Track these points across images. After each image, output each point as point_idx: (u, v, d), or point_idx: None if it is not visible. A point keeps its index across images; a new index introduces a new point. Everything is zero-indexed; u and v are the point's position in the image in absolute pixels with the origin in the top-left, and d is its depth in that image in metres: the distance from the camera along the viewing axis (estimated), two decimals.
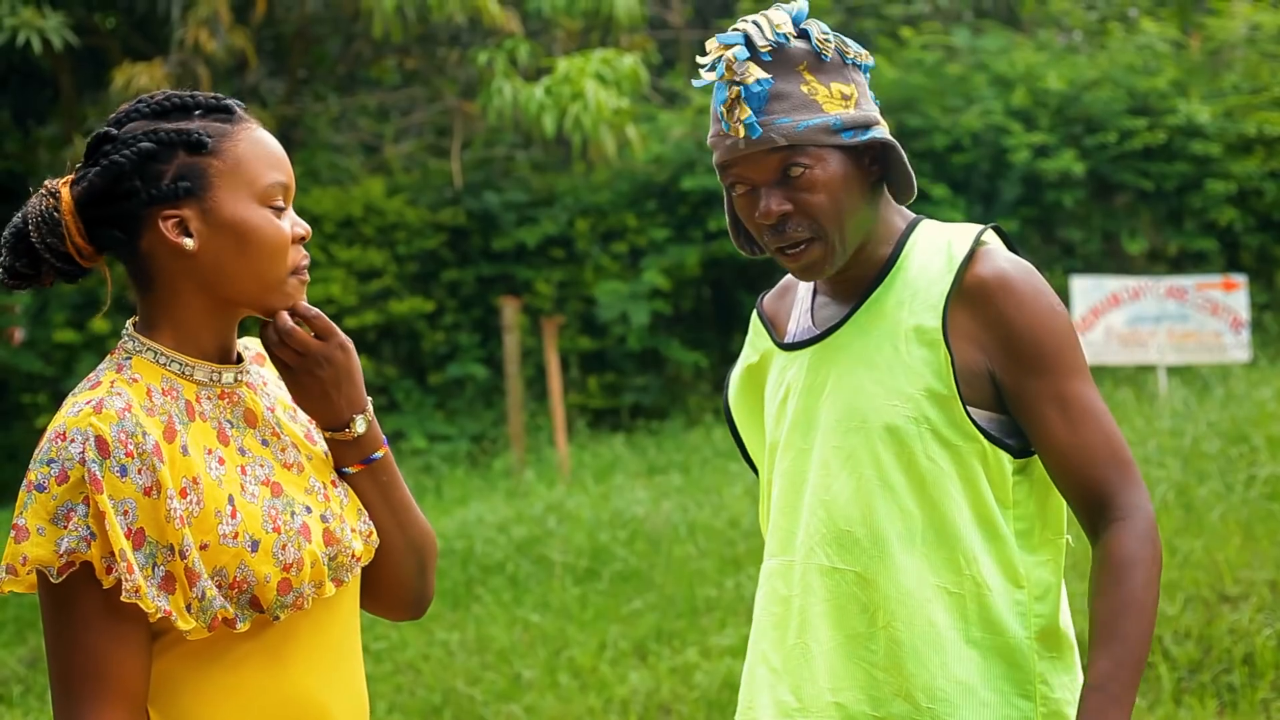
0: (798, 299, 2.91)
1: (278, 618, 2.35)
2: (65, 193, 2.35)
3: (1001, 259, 2.68)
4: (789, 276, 2.95)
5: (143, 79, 12.86)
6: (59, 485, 2.23)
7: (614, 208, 15.27)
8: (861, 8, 16.83)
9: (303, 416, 2.57)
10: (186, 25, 13.46)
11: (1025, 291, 2.65)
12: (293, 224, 2.42)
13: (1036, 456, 2.68)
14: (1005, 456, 2.65)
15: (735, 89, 2.63)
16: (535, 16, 15.24)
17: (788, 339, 2.87)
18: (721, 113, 2.66)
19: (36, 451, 2.27)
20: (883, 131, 2.68)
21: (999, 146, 14.66)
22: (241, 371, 2.45)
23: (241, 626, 2.32)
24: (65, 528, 2.22)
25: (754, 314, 2.97)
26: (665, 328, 15.10)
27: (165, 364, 2.37)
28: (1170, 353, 11.85)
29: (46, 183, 2.40)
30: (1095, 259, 14.91)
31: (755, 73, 2.63)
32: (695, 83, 2.73)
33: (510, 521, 10.13)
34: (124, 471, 2.23)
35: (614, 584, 8.48)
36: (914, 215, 2.80)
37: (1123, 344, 11.80)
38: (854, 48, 2.72)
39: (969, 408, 2.64)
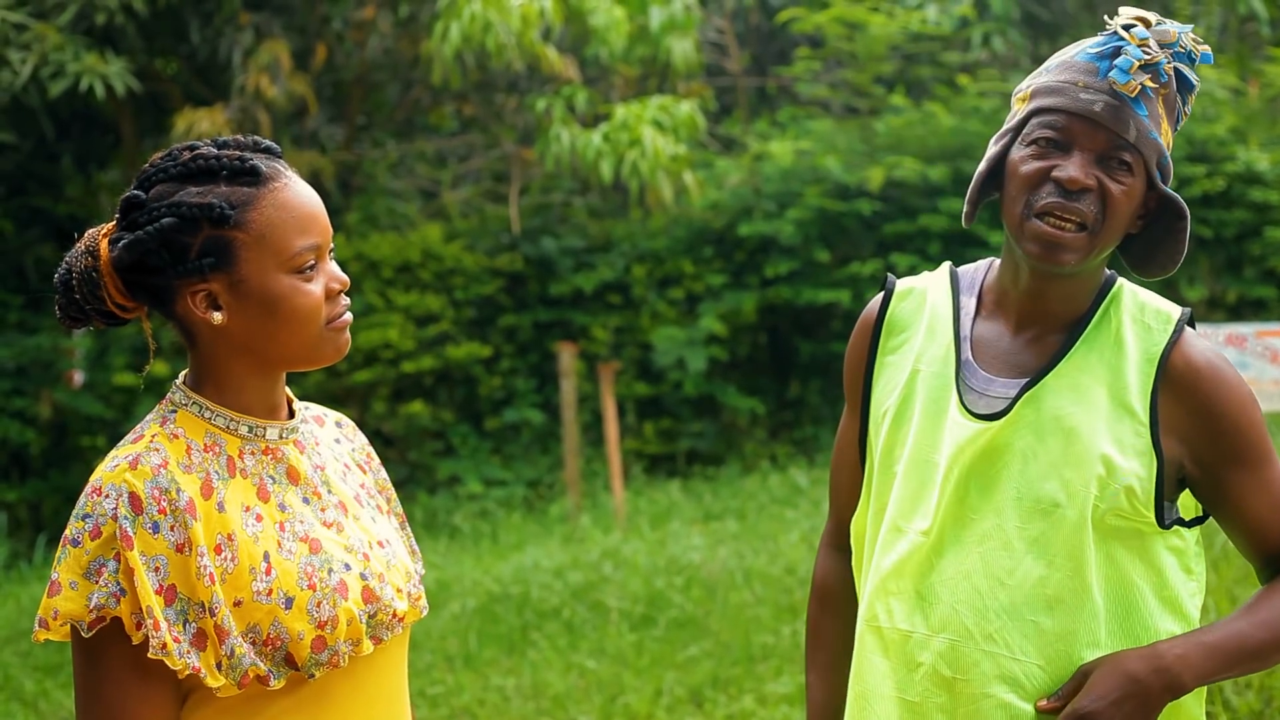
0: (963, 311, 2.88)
1: (313, 675, 2.34)
2: (104, 251, 2.35)
3: (1205, 347, 2.65)
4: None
5: (204, 124, 12.96)
6: (92, 540, 2.24)
7: (671, 254, 15.27)
8: (918, 55, 16.80)
9: (354, 478, 2.57)
10: (247, 71, 13.58)
11: (1231, 383, 2.64)
12: (328, 280, 2.39)
13: (1197, 526, 2.69)
14: (1190, 537, 2.67)
15: (1146, 58, 2.57)
16: (593, 63, 15.32)
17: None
18: (1113, 67, 2.58)
19: (76, 505, 2.29)
20: (1177, 196, 2.63)
21: None
22: (288, 429, 2.45)
23: (276, 684, 2.31)
24: (96, 583, 2.23)
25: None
26: (721, 374, 15.06)
27: (210, 419, 2.38)
28: None
29: (89, 234, 2.39)
30: None
31: (1167, 67, 2.59)
32: (1108, 18, 2.64)
33: (566, 567, 10.11)
34: (156, 528, 2.24)
35: (670, 630, 8.45)
36: (1111, 272, 2.76)
37: None
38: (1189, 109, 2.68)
39: (1165, 501, 2.62)
